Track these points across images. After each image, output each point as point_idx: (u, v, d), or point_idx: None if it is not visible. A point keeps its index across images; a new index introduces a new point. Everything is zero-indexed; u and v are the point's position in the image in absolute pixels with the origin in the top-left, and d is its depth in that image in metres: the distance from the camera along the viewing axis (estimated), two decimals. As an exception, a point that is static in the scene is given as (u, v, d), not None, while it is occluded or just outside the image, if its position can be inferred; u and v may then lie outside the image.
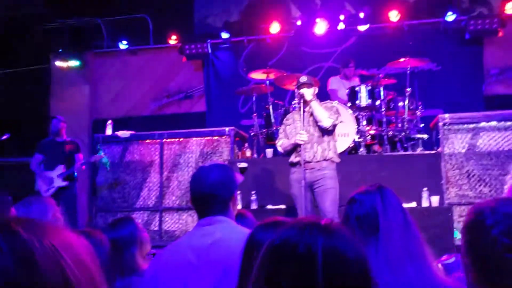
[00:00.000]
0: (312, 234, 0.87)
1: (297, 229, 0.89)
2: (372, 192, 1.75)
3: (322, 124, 4.54)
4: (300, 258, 0.84)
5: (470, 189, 5.58)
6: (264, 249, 0.92)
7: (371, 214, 1.68)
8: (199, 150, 6.47)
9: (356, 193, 1.78)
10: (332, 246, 0.85)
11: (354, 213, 1.71)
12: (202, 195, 1.87)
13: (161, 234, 6.31)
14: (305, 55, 8.59)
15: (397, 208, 1.73)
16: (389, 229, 1.64)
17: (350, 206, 1.75)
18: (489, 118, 5.70)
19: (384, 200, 1.71)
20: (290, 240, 0.87)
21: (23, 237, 0.63)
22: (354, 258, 0.86)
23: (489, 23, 7.67)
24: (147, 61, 9.33)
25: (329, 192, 4.50)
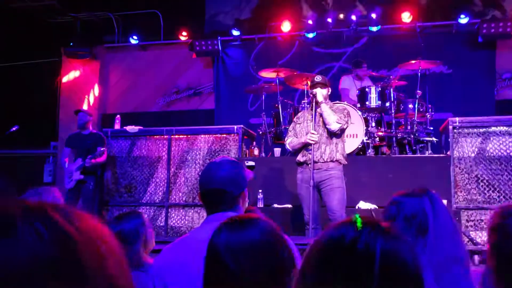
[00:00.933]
0: (372, 232, 0.84)
1: (355, 226, 0.86)
2: (420, 194, 1.76)
3: (330, 127, 4.53)
4: (358, 255, 0.82)
5: (479, 194, 5.52)
6: (315, 242, 0.89)
7: (421, 216, 1.69)
8: (207, 147, 6.46)
9: (400, 195, 1.79)
10: (392, 248, 0.83)
11: (402, 214, 1.72)
12: (212, 191, 1.86)
13: (167, 230, 6.31)
14: (315, 55, 8.57)
15: (446, 211, 1.74)
16: (438, 231, 1.65)
17: (397, 206, 1.75)
18: (500, 123, 5.64)
19: (434, 202, 1.72)
20: (347, 237, 0.84)
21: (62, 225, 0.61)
22: (411, 263, 0.84)
23: (503, 27, 7.60)
24: (157, 56, 9.35)
25: (337, 191, 4.49)
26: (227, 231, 1.30)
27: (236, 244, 1.26)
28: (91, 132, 6.46)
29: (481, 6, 8.26)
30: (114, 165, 6.64)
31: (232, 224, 1.34)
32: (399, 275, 0.82)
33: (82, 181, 6.17)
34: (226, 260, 1.25)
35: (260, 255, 1.25)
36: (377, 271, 0.79)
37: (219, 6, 9.26)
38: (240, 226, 1.32)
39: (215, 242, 1.30)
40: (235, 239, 1.27)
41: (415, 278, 0.84)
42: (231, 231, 1.30)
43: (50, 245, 0.58)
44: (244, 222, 1.34)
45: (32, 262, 0.56)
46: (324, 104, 4.59)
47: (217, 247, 1.28)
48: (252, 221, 1.34)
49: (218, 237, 1.30)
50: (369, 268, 0.80)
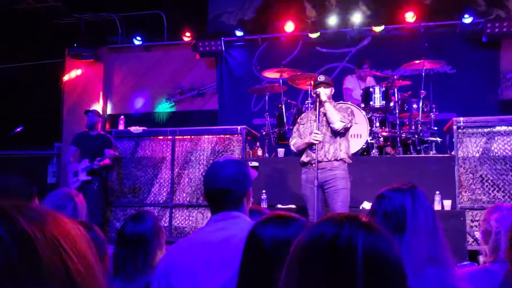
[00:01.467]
0: (352, 228, 0.84)
1: (336, 222, 0.87)
2: (403, 190, 1.73)
3: (333, 126, 4.53)
4: (340, 250, 0.82)
5: (484, 194, 5.51)
6: (297, 241, 0.89)
7: (399, 213, 1.66)
8: (210, 148, 6.46)
9: (386, 189, 1.76)
10: (373, 242, 0.83)
11: (382, 209, 1.69)
12: (216, 190, 1.85)
13: (171, 230, 6.32)
14: (319, 55, 8.56)
15: (428, 210, 1.70)
16: (416, 230, 1.62)
17: (379, 201, 1.73)
18: (504, 123, 5.63)
19: (415, 200, 1.68)
20: (328, 232, 0.84)
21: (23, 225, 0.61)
22: (393, 257, 0.84)
23: (507, 26, 7.57)
24: (161, 57, 9.35)
25: (340, 193, 4.48)
26: (272, 225, 1.41)
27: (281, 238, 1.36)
28: (99, 133, 6.46)
29: (485, 6, 8.22)
30: (119, 166, 6.66)
31: (277, 219, 1.44)
32: (381, 270, 0.82)
33: (87, 181, 6.18)
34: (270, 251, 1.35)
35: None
36: (360, 266, 0.79)
37: (223, 6, 9.26)
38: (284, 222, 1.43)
39: (259, 233, 1.40)
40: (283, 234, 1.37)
41: (398, 273, 0.84)
42: (276, 226, 1.41)
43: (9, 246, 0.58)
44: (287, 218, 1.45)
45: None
46: (328, 103, 4.59)
47: (263, 239, 1.38)
48: (294, 218, 1.46)
49: (264, 230, 1.40)
50: (351, 264, 0.80)
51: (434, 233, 1.65)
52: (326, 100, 4.58)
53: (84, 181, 6.16)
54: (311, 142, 4.49)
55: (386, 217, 1.66)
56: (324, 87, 4.61)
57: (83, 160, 6.24)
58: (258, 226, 1.43)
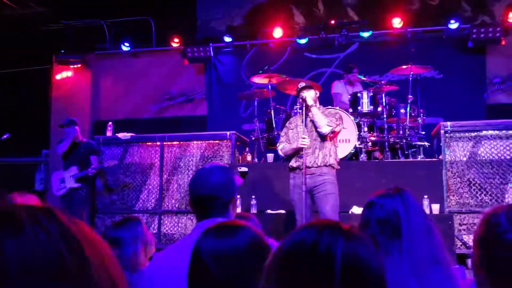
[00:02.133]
0: (332, 235, 0.84)
1: (316, 229, 0.86)
2: (392, 195, 1.72)
3: (321, 130, 4.52)
4: (318, 258, 0.81)
5: (471, 198, 5.55)
6: (278, 248, 0.89)
7: (393, 218, 1.65)
8: (199, 154, 6.45)
9: (375, 196, 1.75)
10: (352, 250, 0.82)
11: (374, 216, 1.68)
12: (202, 197, 1.85)
13: (160, 237, 6.28)
14: (307, 61, 8.60)
15: (419, 211, 1.70)
16: (412, 233, 1.61)
17: (370, 209, 1.72)
18: (491, 127, 5.68)
19: (406, 203, 1.68)
20: (308, 239, 0.84)
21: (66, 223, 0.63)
22: (373, 265, 0.83)
23: (492, 32, 7.67)
24: (149, 63, 9.33)
25: (330, 197, 4.47)
26: (213, 237, 1.30)
27: (221, 250, 1.27)
28: (82, 141, 6.41)
29: (471, 12, 8.33)
30: (107, 172, 6.61)
31: (218, 230, 1.33)
32: (360, 278, 0.81)
33: (75, 188, 6.15)
34: (209, 265, 1.25)
35: (243, 262, 1.25)
36: (338, 274, 0.79)
37: (211, 12, 9.27)
38: (226, 232, 1.32)
39: (200, 246, 1.30)
40: (220, 245, 1.27)
41: (378, 281, 0.84)
42: (217, 237, 1.30)
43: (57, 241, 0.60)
44: (230, 228, 1.33)
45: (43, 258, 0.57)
46: (315, 107, 4.58)
47: (202, 252, 1.28)
48: (238, 228, 1.33)
49: (204, 242, 1.30)
50: (330, 271, 0.79)
51: (429, 233, 1.66)
52: (313, 105, 4.58)
53: (72, 188, 6.13)
54: (299, 147, 4.49)
55: (380, 224, 1.66)
56: (306, 90, 4.62)
57: (70, 167, 6.20)
58: (200, 238, 1.32)
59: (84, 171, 6.11)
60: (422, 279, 1.53)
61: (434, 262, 1.58)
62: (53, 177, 6.33)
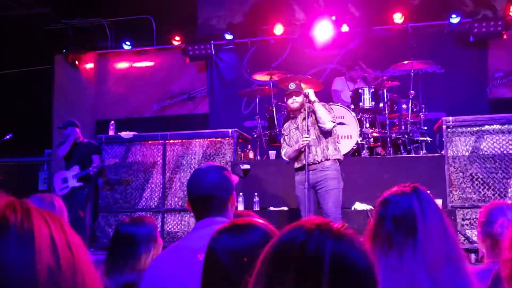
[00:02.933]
0: (321, 235, 0.84)
1: (306, 229, 0.87)
2: (408, 192, 1.71)
3: (325, 126, 4.53)
4: (307, 258, 0.82)
5: (474, 192, 5.54)
6: (269, 245, 0.89)
7: (409, 215, 1.64)
8: (201, 152, 6.45)
9: (390, 194, 1.74)
10: (341, 250, 0.83)
11: (390, 214, 1.67)
12: (201, 197, 1.86)
13: (163, 235, 6.29)
14: (308, 57, 8.58)
15: (435, 209, 1.69)
16: (428, 231, 1.61)
17: (385, 206, 1.70)
18: (493, 121, 5.67)
19: (422, 201, 1.67)
20: (298, 239, 0.85)
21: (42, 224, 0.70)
22: (362, 266, 0.83)
23: (494, 26, 7.64)
24: (151, 62, 9.34)
25: (332, 193, 4.49)
26: (227, 235, 1.31)
27: (236, 247, 1.27)
28: (83, 142, 6.46)
29: (472, 6, 8.30)
30: (109, 171, 6.62)
31: (232, 228, 1.34)
32: (349, 278, 0.82)
33: (78, 187, 6.20)
34: (225, 263, 1.25)
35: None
36: (327, 274, 0.80)
37: (212, 10, 9.26)
38: (240, 230, 1.32)
39: (214, 246, 1.30)
40: (236, 243, 1.28)
41: (367, 282, 0.84)
42: (231, 235, 1.31)
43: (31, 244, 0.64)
44: (243, 226, 1.34)
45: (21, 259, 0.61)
46: (318, 103, 4.59)
47: (217, 250, 1.28)
48: (252, 225, 1.34)
49: (218, 240, 1.31)
50: (319, 271, 0.80)
51: (445, 231, 1.65)
52: (316, 100, 4.59)
53: (75, 187, 6.18)
54: (300, 147, 4.52)
55: (396, 222, 1.65)
56: (295, 96, 4.67)
57: (72, 167, 6.25)
58: (214, 237, 1.34)
59: (86, 170, 6.16)
60: (436, 277, 1.52)
61: (449, 260, 1.57)
62: (56, 177, 6.39)
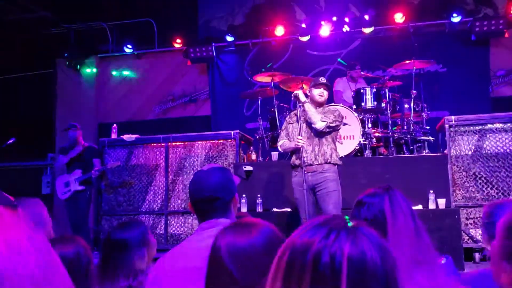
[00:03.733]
0: (337, 241, 0.81)
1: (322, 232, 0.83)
2: (380, 194, 1.68)
3: (315, 127, 4.47)
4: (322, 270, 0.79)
5: (477, 191, 5.53)
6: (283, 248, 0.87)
7: (380, 219, 1.61)
8: (204, 154, 6.45)
9: (364, 195, 1.72)
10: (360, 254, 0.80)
11: (362, 216, 1.64)
12: (204, 199, 1.85)
13: (167, 238, 6.30)
14: (310, 58, 8.58)
15: (407, 211, 1.65)
16: (397, 234, 1.57)
17: (358, 209, 1.69)
18: (496, 120, 5.66)
19: (393, 203, 1.64)
20: (311, 248, 0.82)
21: None
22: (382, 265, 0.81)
23: (495, 25, 7.64)
24: (152, 64, 9.36)
25: (332, 195, 4.44)
26: (230, 235, 1.30)
27: (239, 248, 1.26)
28: (84, 145, 6.47)
29: (473, 5, 8.29)
30: (112, 174, 6.64)
31: (235, 228, 1.34)
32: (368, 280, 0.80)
33: (80, 191, 6.22)
34: (228, 264, 1.25)
35: (261, 259, 1.24)
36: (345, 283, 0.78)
37: (213, 12, 9.28)
38: (243, 230, 1.32)
39: (218, 245, 1.29)
40: (238, 243, 1.27)
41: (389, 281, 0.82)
42: (234, 235, 1.30)
43: None
44: (247, 226, 1.33)
45: None
46: (308, 103, 4.52)
47: (220, 251, 1.28)
48: (255, 225, 1.33)
49: (222, 241, 1.30)
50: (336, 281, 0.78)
51: (416, 234, 1.61)
52: (306, 101, 4.53)
53: (77, 191, 6.20)
54: (296, 146, 4.47)
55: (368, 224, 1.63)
56: (324, 89, 4.60)
57: (74, 171, 6.28)
58: (217, 237, 1.33)
59: (88, 173, 6.18)
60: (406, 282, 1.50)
61: (417, 265, 1.54)
62: (58, 181, 6.41)
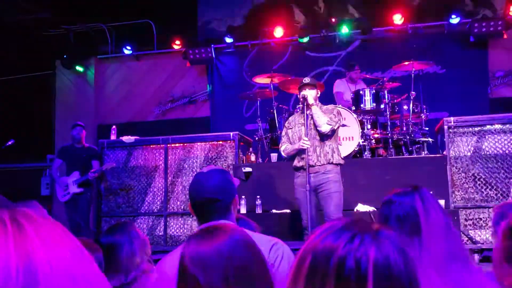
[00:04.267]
0: (362, 246, 0.80)
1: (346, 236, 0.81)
2: (410, 192, 1.72)
3: (320, 129, 4.50)
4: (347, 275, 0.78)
5: (476, 192, 5.53)
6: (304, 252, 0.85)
7: (412, 215, 1.66)
8: (203, 155, 6.45)
9: (393, 194, 1.75)
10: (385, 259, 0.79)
11: (394, 214, 1.68)
12: (204, 201, 1.85)
13: (166, 239, 6.29)
14: (309, 59, 8.59)
15: (438, 208, 1.70)
16: (431, 229, 1.62)
17: (388, 206, 1.72)
18: (495, 121, 5.66)
19: (424, 200, 1.69)
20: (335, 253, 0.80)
21: None
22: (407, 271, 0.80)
23: (494, 26, 7.65)
24: (151, 66, 9.36)
25: (334, 197, 4.46)
26: (194, 242, 1.24)
27: (202, 255, 1.20)
28: (84, 146, 6.49)
29: (472, 6, 8.30)
30: (112, 175, 6.63)
31: (200, 234, 1.27)
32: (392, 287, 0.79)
33: (79, 193, 6.22)
34: (194, 272, 1.18)
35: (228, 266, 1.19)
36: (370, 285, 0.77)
37: (212, 13, 9.28)
38: (208, 235, 1.25)
39: (183, 254, 1.23)
40: (201, 250, 1.21)
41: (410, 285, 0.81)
42: (198, 242, 1.24)
43: None
44: (212, 231, 1.26)
45: None
46: (315, 106, 4.55)
47: (185, 259, 1.21)
48: (222, 230, 1.26)
49: (186, 249, 1.24)
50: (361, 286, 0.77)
51: (447, 229, 1.66)
52: (314, 103, 4.56)
53: (76, 193, 6.20)
54: (300, 148, 4.48)
55: (400, 222, 1.66)
56: (309, 89, 4.59)
57: (72, 173, 6.29)
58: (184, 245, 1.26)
59: (85, 175, 6.19)
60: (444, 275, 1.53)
61: (454, 258, 1.59)
62: (58, 184, 6.43)
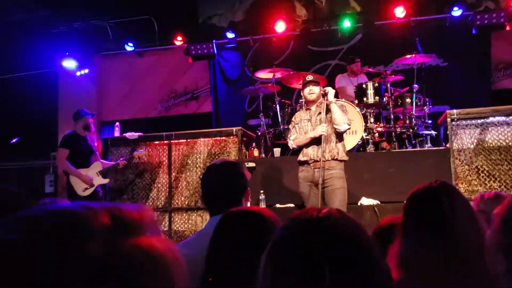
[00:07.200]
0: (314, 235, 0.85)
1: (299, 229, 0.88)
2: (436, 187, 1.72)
3: (339, 128, 4.50)
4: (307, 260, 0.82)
5: (480, 185, 5.54)
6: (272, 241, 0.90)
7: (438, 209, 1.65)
8: (207, 151, 6.47)
9: (419, 189, 1.75)
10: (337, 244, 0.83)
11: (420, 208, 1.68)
12: (216, 193, 1.87)
13: (171, 234, 6.32)
14: (311, 53, 8.58)
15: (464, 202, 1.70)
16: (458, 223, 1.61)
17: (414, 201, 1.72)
18: (498, 113, 5.66)
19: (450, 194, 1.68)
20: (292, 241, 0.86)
21: None
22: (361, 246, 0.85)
23: (496, 18, 7.63)
24: (153, 62, 9.36)
25: (338, 192, 4.47)
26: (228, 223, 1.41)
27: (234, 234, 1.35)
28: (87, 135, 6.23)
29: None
30: (116, 172, 6.65)
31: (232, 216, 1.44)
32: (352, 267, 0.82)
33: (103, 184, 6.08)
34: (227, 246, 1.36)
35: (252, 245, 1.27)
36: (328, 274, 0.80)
37: (213, 9, 9.27)
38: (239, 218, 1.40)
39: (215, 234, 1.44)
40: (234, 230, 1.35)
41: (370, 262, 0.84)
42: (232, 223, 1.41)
43: None
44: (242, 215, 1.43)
45: None
46: (334, 104, 4.54)
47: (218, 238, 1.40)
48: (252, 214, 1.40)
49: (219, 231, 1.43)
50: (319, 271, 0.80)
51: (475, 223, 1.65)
52: (332, 101, 4.55)
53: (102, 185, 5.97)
54: (318, 136, 4.46)
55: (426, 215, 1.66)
56: (313, 86, 4.62)
57: (92, 163, 5.92)
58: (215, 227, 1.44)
59: (113, 163, 6.02)
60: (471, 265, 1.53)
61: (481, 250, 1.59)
62: (76, 177, 5.83)
